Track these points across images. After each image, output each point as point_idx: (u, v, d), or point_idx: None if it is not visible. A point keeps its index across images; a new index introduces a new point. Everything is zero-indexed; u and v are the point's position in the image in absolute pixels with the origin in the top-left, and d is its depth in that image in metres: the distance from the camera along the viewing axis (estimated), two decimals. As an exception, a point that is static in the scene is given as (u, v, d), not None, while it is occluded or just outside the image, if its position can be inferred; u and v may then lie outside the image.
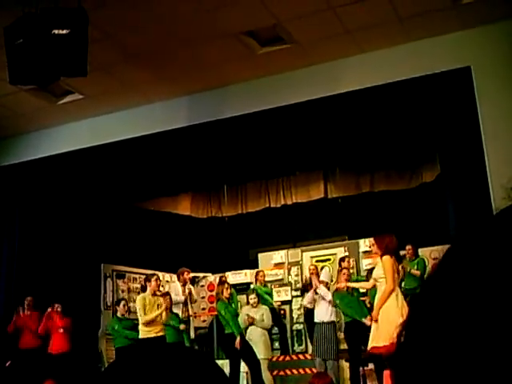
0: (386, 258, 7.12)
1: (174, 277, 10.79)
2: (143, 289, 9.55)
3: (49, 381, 4.50)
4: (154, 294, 9.03)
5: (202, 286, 12.58)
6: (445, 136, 7.76)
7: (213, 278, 12.14)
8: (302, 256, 12.33)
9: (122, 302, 9.88)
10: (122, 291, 11.77)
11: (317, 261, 12.13)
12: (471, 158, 7.18)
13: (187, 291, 10.01)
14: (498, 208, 0.54)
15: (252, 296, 10.04)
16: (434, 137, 8.17)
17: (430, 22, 7.17)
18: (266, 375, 9.23)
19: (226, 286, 9.34)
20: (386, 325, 6.88)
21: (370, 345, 7.15)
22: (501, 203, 0.53)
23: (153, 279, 9.10)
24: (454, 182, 7.59)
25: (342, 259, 9.82)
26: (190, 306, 10.11)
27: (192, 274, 10.68)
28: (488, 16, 7.08)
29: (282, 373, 9.73)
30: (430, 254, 9.94)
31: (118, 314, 9.71)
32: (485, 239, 0.51)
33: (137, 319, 9.18)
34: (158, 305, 8.89)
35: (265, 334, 9.77)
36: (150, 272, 10.04)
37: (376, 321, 7.07)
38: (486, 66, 7.16)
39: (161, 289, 9.73)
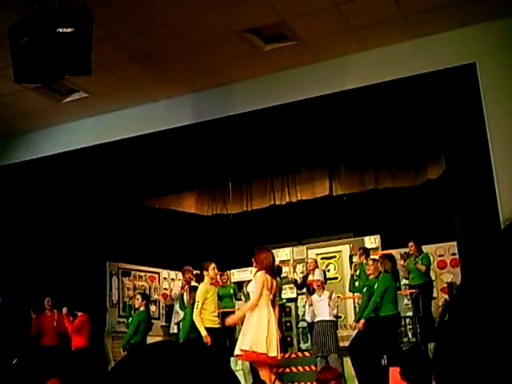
0: (258, 274, 7.15)
1: (180, 275, 10.83)
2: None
3: (53, 379, 4.50)
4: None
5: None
6: (450, 133, 7.73)
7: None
8: (307, 253, 12.34)
9: None
10: (128, 289, 11.79)
11: (322, 258, 12.14)
12: (476, 154, 7.15)
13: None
14: (503, 204, 0.53)
15: None
16: (439, 133, 8.14)
17: (434, 19, 7.14)
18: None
19: None
20: (247, 333, 6.92)
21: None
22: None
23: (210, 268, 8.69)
24: (460, 178, 7.56)
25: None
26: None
27: (195, 272, 10.68)
28: (492, 12, 7.06)
29: (287, 370, 9.72)
30: (436, 250, 9.94)
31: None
32: None
33: None
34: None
35: None
36: (155, 270, 10.07)
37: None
38: (490, 62, 7.13)
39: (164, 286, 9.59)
